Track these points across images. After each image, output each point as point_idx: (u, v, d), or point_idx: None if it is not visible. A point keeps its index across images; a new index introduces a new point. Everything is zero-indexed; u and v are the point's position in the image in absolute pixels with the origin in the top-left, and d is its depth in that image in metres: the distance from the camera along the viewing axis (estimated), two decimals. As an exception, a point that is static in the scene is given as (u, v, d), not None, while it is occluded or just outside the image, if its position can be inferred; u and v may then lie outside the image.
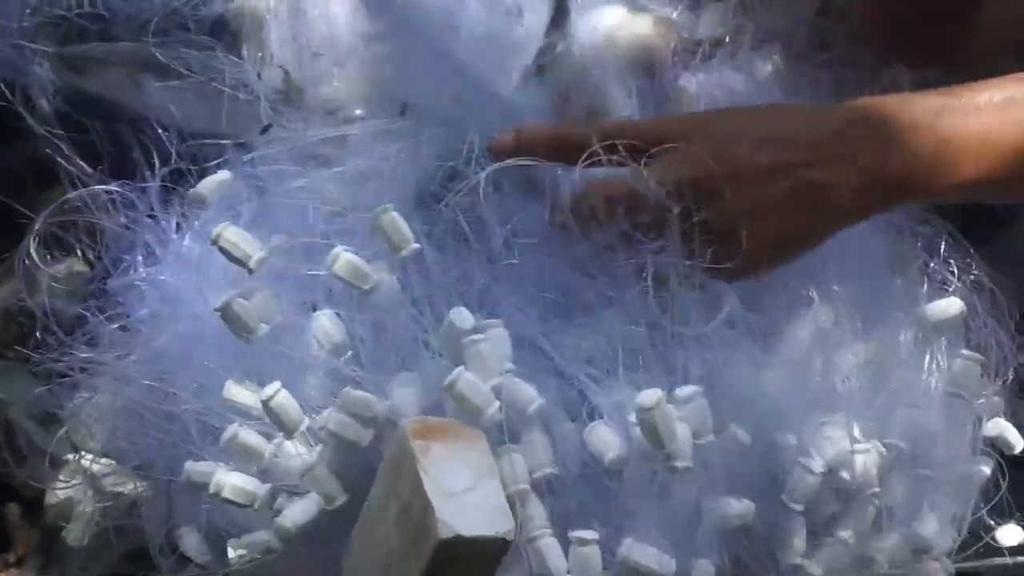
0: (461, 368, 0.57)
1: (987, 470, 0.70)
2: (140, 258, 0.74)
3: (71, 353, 0.72)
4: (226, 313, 0.62)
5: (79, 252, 0.80)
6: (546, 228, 0.64)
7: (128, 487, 0.72)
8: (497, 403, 0.56)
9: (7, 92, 0.82)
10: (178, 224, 0.73)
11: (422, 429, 0.54)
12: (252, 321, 0.62)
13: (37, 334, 0.75)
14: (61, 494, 0.75)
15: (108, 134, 0.81)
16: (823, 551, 0.63)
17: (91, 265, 0.79)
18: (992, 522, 0.72)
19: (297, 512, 0.59)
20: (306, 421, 0.60)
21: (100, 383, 0.72)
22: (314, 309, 0.64)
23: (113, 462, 0.73)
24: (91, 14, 0.82)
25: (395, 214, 0.62)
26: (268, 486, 0.61)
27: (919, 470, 0.67)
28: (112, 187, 0.74)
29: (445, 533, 0.49)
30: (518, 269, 0.64)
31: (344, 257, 0.61)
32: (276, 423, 0.60)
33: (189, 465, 0.62)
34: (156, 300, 0.72)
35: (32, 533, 0.77)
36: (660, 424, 0.55)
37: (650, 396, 0.55)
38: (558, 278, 0.64)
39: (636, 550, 0.57)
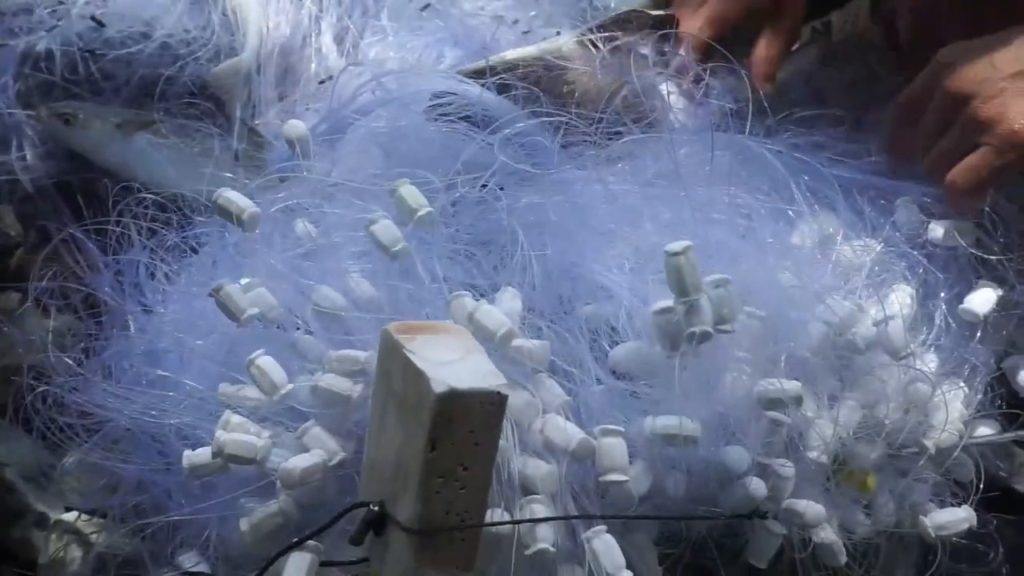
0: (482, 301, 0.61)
1: None
2: (129, 317, 0.76)
3: (66, 410, 0.73)
4: (218, 295, 0.64)
5: (74, 308, 0.81)
6: None
7: (119, 544, 0.72)
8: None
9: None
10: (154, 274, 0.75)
11: (405, 327, 0.54)
12: (242, 303, 0.64)
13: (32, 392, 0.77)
14: (53, 554, 0.74)
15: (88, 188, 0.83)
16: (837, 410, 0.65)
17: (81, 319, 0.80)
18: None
19: (301, 459, 0.59)
20: (290, 386, 0.62)
21: (92, 439, 0.73)
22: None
23: (104, 520, 0.72)
24: (82, 79, 0.83)
25: (411, 185, 0.66)
26: (267, 437, 0.61)
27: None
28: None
29: (440, 388, 0.48)
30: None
31: (384, 222, 0.65)
32: (262, 384, 0.62)
33: (187, 453, 0.63)
34: (142, 354, 0.73)
35: (26, 594, 0.76)
36: (686, 271, 0.57)
37: (679, 243, 0.57)
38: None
39: (659, 420, 0.58)
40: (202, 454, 0.63)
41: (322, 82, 0.86)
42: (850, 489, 0.68)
